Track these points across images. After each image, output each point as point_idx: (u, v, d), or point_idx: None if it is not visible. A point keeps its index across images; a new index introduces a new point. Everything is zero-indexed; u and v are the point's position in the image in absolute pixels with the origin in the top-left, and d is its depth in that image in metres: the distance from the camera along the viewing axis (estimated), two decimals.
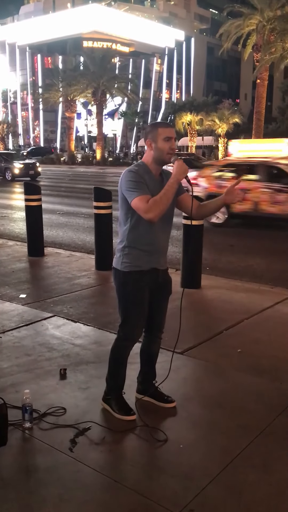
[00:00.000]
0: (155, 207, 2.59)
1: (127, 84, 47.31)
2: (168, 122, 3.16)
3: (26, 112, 71.68)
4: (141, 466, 2.54)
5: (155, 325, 3.04)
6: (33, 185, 7.70)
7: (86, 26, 63.73)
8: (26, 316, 4.74)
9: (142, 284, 2.82)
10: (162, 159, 2.73)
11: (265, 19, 29.81)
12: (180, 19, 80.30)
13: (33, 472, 2.49)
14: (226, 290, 5.62)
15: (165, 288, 3.00)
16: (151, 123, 2.87)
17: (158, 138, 2.70)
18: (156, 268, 2.87)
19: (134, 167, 2.75)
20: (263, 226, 10.54)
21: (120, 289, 2.87)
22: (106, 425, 2.86)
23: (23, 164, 25.77)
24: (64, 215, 12.60)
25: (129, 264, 2.80)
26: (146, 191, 2.65)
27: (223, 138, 41.04)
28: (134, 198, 2.64)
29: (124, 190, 2.71)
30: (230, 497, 2.29)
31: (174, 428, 2.89)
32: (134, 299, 2.84)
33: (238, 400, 3.17)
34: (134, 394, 3.11)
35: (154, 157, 2.75)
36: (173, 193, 2.66)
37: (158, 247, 2.85)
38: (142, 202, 2.61)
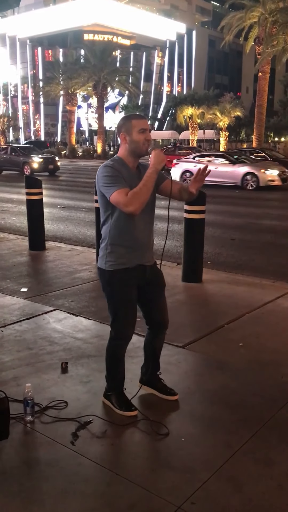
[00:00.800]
0: (135, 200, 2.54)
1: (128, 77, 47.10)
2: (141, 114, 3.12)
3: (27, 106, 71.44)
4: (143, 460, 2.55)
5: (156, 321, 3.01)
6: (34, 179, 7.68)
7: (86, 19, 63.36)
8: (28, 310, 4.74)
9: (128, 281, 2.78)
10: (138, 151, 2.69)
11: (267, 11, 29.61)
12: (181, 11, 79.79)
13: (35, 465, 2.49)
14: (227, 284, 5.62)
15: (156, 282, 2.95)
16: (123, 116, 2.81)
17: (133, 130, 2.67)
18: (142, 264, 2.82)
19: (109, 162, 2.70)
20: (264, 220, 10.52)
21: (107, 289, 2.83)
22: (108, 419, 2.86)
23: (43, 158, 24.94)
24: (65, 209, 12.59)
25: (113, 263, 2.76)
26: (124, 185, 2.60)
27: (225, 132, 40.91)
28: (113, 192, 2.58)
29: (101, 186, 2.65)
30: (232, 491, 2.29)
31: (175, 421, 2.89)
32: (121, 298, 2.81)
33: (239, 394, 3.17)
34: (135, 388, 3.11)
35: (129, 150, 2.71)
36: (152, 183, 2.61)
37: (142, 242, 2.80)
38: (121, 196, 2.56)
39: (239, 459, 2.52)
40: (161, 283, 2.99)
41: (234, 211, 12.33)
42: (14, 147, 26.57)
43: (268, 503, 2.22)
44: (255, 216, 11.55)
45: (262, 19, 29.91)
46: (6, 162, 25.84)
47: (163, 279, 3.00)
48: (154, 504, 2.21)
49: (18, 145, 30.01)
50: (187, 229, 5.68)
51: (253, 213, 12.16)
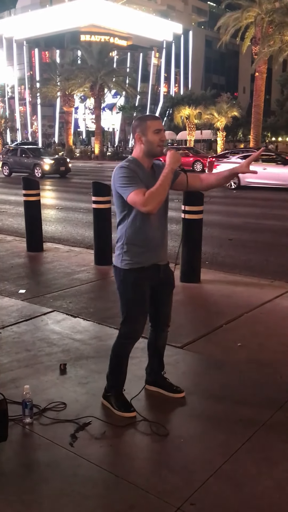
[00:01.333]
0: (152, 199, 2.58)
1: (125, 78, 47.13)
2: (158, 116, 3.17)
3: (24, 107, 71.36)
4: (142, 461, 2.54)
5: (161, 319, 3.04)
6: (31, 180, 7.67)
7: (83, 20, 63.31)
8: (26, 311, 4.73)
9: (143, 281, 2.81)
10: (153, 151, 2.72)
11: (264, 11, 29.69)
12: (178, 12, 79.81)
13: (33, 467, 2.49)
14: (225, 284, 5.62)
15: (167, 282, 2.98)
16: (138, 117, 2.84)
17: (148, 131, 2.69)
18: (156, 264, 2.85)
19: (125, 163, 2.73)
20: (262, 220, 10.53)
21: (121, 287, 2.85)
22: (107, 420, 2.86)
23: (54, 159, 24.28)
24: (63, 210, 12.58)
25: (129, 262, 2.79)
26: (141, 185, 2.63)
27: (222, 132, 40.94)
28: (130, 193, 2.61)
29: (118, 187, 2.68)
30: (231, 491, 2.29)
31: (174, 422, 2.89)
32: (135, 297, 2.83)
33: (238, 394, 3.17)
34: (134, 388, 3.10)
35: (144, 150, 2.73)
36: (169, 183, 2.65)
37: (157, 241, 2.83)
38: (138, 196, 2.59)
39: (238, 459, 2.51)
40: (171, 284, 3.03)
41: (232, 211, 12.34)
42: (24, 149, 25.84)
43: (268, 503, 2.22)
44: (253, 216, 11.56)
45: (259, 19, 30.00)
46: (16, 164, 25.07)
47: (173, 279, 3.05)
48: (153, 505, 2.20)
49: (28, 146, 29.36)
50: (185, 230, 5.68)
51: (251, 213, 12.17)
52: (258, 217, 11.44)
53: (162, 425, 2.79)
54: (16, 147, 27.39)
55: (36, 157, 24.26)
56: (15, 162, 25.12)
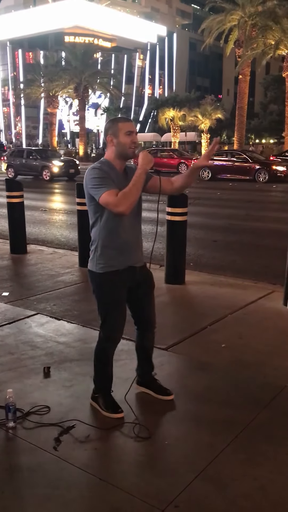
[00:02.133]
0: (125, 199, 2.57)
1: (110, 80, 47.05)
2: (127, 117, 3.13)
3: (8, 108, 70.81)
4: (126, 464, 2.53)
5: (144, 320, 3.03)
6: (15, 182, 7.61)
7: (67, 21, 63.09)
8: (9, 314, 4.69)
9: (118, 283, 2.80)
10: (125, 153, 2.72)
11: (247, 14, 29.94)
12: (162, 14, 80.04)
13: (17, 471, 2.46)
14: (210, 285, 5.64)
15: (145, 283, 2.97)
16: (110, 119, 2.83)
17: (120, 133, 2.69)
18: (132, 266, 2.84)
19: (97, 164, 2.72)
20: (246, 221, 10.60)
21: (97, 291, 2.84)
22: (91, 423, 2.84)
23: (63, 162, 23.46)
24: (46, 212, 12.51)
25: (104, 265, 2.77)
26: (113, 186, 2.62)
27: (206, 134, 41.13)
28: (102, 193, 2.60)
29: (90, 188, 2.67)
30: (215, 492, 2.29)
31: (159, 424, 2.88)
32: (111, 300, 2.82)
33: (222, 395, 3.18)
34: (119, 390, 3.09)
35: (116, 152, 2.73)
36: (141, 184, 2.64)
37: (131, 243, 2.82)
38: (111, 196, 2.58)
39: (222, 460, 2.52)
40: (150, 284, 3.01)
41: (216, 213, 12.40)
42: (31, 150, 25.03)
43: (252, 504, 2.23)
44: (237, 218, 11.63)
45: (242, 22, 30.24)
46: (22, 166, 23.96)
47: (152, 280, 3.03)
48: (138, 508, 2.19)
49: (35, 147, 28.38)
50: (169, 231, 5.69)
51: (236, 214, 12.24)
52: (242, 218, 11.51)
53: (146, 428, 2.77)
54: (22, 149, 26.67)
55: (44, 159, 23.27)
56: (21, 164, 24.00)
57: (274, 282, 5.80)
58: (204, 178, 23.15)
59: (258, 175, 21.91)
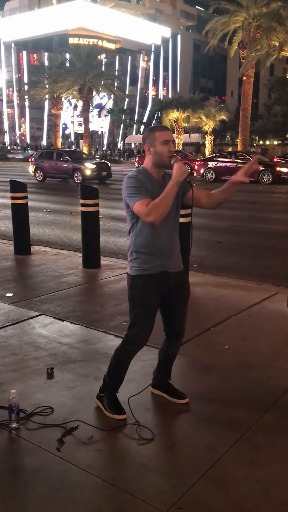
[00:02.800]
0: (154, 210, 2.62)
1: (114, 81, 47.18)
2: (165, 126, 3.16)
3: (12, 109, 71.12)
4: (129, 465, 2.53)
5: (173, 329, 3.05)
6: (19, 183, 7.62)
7: (71, 23, 63.34)
8: (13, 315, 4.70)
9: (149, 288, 2.82)
10: (161, 162, 2.76)
11: (251, 16, 29.93)
12: (166, 16, 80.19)
13: (20, 472, 2.46)
14: (213, 287, 5.63)
15: (179, 290, 2.98)
16: (148, 128, 2.88)
17: (156, 142, 2.73)
18: (165, 271, 2.86)
19: (134, 173, 2.78)
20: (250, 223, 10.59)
21: (129, 292, 2.89)
22: (94, 424, 2.84)
23: (96, 164, 22.43)
24: (51, 213, 12.53)
25: (137, 268, 2.83)
26: (146, 195, 2.67)
27: (210, 135, 41.12)
28: (135, 202, 2.67)
29: (126, 196, 2.74)
30: (218, 494, 2.28)
31: (161, 425, 2.88)
32: (141, 303, 2.84)
33: (226, 397, 3.17)
34: (124, 392, 3.09)
35: (153, 161, 2.77)
36: (173, 196, 2.67)
37: (165, 249, 2.85)
38: (142, 206, 2.64)
39: (225, 462, 2.51)
40: (184, 292, 3.03)
41: (220, 214, 12.38)
42: (61, 152, 24.23)
43: (255, 506, 2.22)
44: (241, 219, 11.62)
45: (246, 23, 30.22)
46: (52, 168, 22.99)
47: (188, 288, 3.07)
48: (141, 510, 2.19)
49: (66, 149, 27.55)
50: None
51: (239, 216, 12.22)
52: (246, 220, 11.50)
53: (149, 429, 2.77)
54: (52, 150, 25.85)
55: (75, 161, 22.21)
56: (50, 166, 23.03)
57: (278, 283, 5.79)
58: (208, 180, 23.19)
59: (262, 177, 21.90)
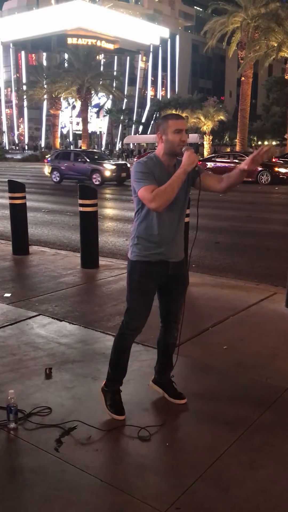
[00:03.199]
0: (159, 197, 2.61)
1: (112, 81, 47.22)
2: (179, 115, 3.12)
3: (10, 110, 71.06)
4: (127, 465, 2.52)
5: (169, 316, 3.04)
6: (17, 183, 7.62)
7: (70, 23, 63.32)
8: (11, 315, 4.69)
9: (148, 274, 2.83)
10: (173, 151, 2.75)
11: (249, 16, 29.96)
12: (164, 16, 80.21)
13: (18, 473, 2.46)
14: (212, 287, 5.63)
15: (178, 280, 2.96)
16: (162, 116, 2.87)
17: (168, 130, 2.72)
18: (165, 261, 2.85)
19: (144, 159, 2.79)
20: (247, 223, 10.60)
21: (128, 277, 2.92)
22: (92, 424, 2.83)
23: (116, 165, 21.74)
24: (49, 213, 12.52)
25: (136, 254, 2.84)
26: (153, 181, 2.67)
27: (209, 136, 41.17)
28: (140, 188, 2.67)
29: (133, 181, 2.74)
30: (217, 494, 2.28)
31: (160, 425, 2.87)
32: (138, 288, 2.86)
33: (224, 397, 3.17)
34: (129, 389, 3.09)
35: (165, 149, 2.77)
36: (179, 184, 2.66)
37: (167, 238, 2.84)
38: (147, 192, 2.64)
39: (224, 462, 2.51)
40: (182, 282, 3.02)
41: (219, 214, 12.40)
42: (78, 152, 23.67)
43: (254, 506, 2.22)
44: (239, 219, 11.63)
45: (244, 24, 30.27)
46: (69, 169, 22.29)
47: (187, 277, 3.06)
48: (139, 510, 2.19)
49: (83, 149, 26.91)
50: None
51: (238, 216, 12.24)
52: (244, 220, 11.51)
53: (147, 430, 2.76)
54: (69, 151, 25.33)
55: (94, 162, 21.59)
56: (68, 167, 22.34)
57: (276, 284, 5.79)
58: None
59: (260, 177, 21.93)
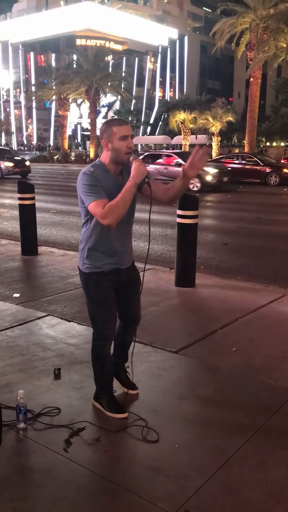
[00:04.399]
0: (112, 213, 2.53)
1: (121, 82, 47.19)
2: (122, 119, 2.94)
3: (19, 110, 71.36)
4: (136, 466, 2.52)
5: (129, 317, 3.05)
6: (26, 184, 7.65)
7: (79, 24, 63.47)
8: (20, 315, 4.71)
9: (103, 283, 2.82)
10: (119, 159, 2.65)
11: (259, 17, 29.82)
12: (173, 17, 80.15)
13: (27, 473, 2.47)
14: (220, 288, 5.62)
15: (131, 283, 2.98)
16: (105, 121, 2.76)
17: (114, 137, 2.61)
18: (117, 268, 2.85)
19: (90, 168, 2.66)
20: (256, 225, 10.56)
21: (85, 289, 2.90)
22: (101, 425, 2.84)
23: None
24: (57, 213, 12.55)
25: (89, 266, 2.81)
26: (103, 195, 2.58)
27: (217, 137, 41.04)
28: (90, 202, 2.58)
29: (81, 193, 2.65)
30: (226, 497, 2.28)
31: (169, 427, 2.87)
32: (97, 298, 2.85)
33: (233, 399, 3.16)
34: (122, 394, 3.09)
35: (111, 157, 2.67)
36: (130, 197, 2.58)
37: (118, 248, 2.82)
38: (98, 208, 2.55)
39: (233, 465, 2.50)
40: (136, 283, 3.02)
41: (227, 216, 12.37)
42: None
43: (263, 509, 2.21)
44: (247, 221, 11.59)
45: (254, 25, 30.10)
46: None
47: (139, 278, 3.04)
48: (147, 511, 2.19)
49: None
50: (180, 234, 5.68)
51: (246, 217, 12.20)
52: (252, 221, 11.47)
53: (155, 431, 2.76)
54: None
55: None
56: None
57: (285, 285, 5.77)
58: None
59: (269, 178, 21.83)
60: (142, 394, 3.21)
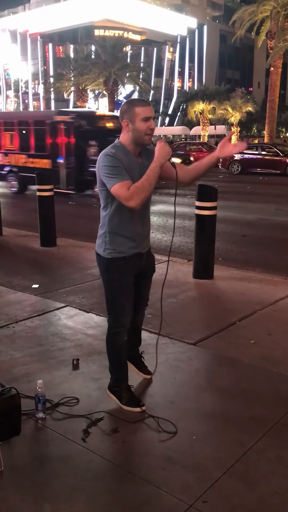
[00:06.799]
0: (137, 194, 2.49)
1: (139, 73, 46.94)
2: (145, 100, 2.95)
3: (38, 102, 71.53)
4: (154, 457, 2.53)
5: (140, 299, 3.03)
6: (45, 175, 7.68)
7: (97, 15, 63.19)
8: (39, 306, 4.75)
9: (126, 269, 2.79)
10: (140, 140, 2.62)
11: (280, 5, 29.29)
12: (192, 6, 79.19)
13: (46, 461, 2.50)
14: (239, 280, 5.58)
15: (149, 268, 2.99)
16: (127, 101, 2.72)
17: (136, 118, 2.57)
18: (139, 253, 2.83)
19: (111, 150, 2.61)
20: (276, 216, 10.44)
21: (105, 276, 2.84)
22: (119, 416, 2.86)
23: None
24: (76, 205, 12.59)
25: (112, 251, 2.76)
26: (126, 177, 2.54)
27: (236, 127, 40.63)
28: (114, 184, 2.53)
29: (102, 175, 2.59)
30: (244, 489, 2.27)
31: (187, 419, 2.87)
32: (119, 285, 2.81)
33: (251, 392, 3.15)
34: (151, 385, 3.10)
35: (132, 138, 2.62)
36: (155, 178, 2.54)
37: (139, 231, 2.80)
38: (122, 190, 2.51)
39: (251, 457, 2.50)
40: (152, 269, 3.04)
41: (246, 207, 12.26)
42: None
43: (281, 502, 2.20)
44: (267, 213, 11.47)
45: (274, 13, 29.60)
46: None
47: (154, 264, 3.06)
48: (165, 502, 2.20)
49: None
50: (198, 226, 5.65)
51: (265, 209, 12.07)
52: (272, 213, 11.35)
53: (172, 424, 2.76)
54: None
55: None
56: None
57: None
58: (234, 172, 22.95)
59: None
60: (160, 386, 3.21)
